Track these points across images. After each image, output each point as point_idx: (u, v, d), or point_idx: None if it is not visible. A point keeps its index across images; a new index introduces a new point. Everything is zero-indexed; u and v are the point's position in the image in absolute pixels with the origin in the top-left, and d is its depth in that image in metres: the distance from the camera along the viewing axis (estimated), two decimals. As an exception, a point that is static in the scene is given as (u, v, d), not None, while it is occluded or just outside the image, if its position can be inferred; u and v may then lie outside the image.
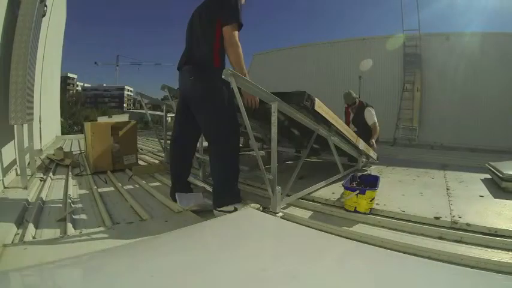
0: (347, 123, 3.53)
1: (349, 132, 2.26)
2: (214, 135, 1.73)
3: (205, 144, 1.90)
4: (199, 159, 2.65)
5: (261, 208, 1.73)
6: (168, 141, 3.68)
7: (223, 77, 1.40)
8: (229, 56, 1.67)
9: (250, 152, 3.60)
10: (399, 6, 8.02)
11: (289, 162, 3.26)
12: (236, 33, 1.64)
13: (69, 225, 1.53)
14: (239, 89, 1.52)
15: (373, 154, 2.86)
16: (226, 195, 1.70)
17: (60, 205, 1.89)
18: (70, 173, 2.88)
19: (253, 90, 1.55)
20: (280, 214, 1.71)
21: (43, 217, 1.69)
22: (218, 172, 1.74)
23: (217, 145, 1.72)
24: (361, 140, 2.49)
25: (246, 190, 2.32)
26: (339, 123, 2.10)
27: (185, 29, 1.90)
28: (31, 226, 1.49)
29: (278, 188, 1.69)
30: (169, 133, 4.72)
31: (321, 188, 2.17)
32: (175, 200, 1.88)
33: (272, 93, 1.63)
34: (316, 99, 1.74)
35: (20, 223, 1.55)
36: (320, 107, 1.80)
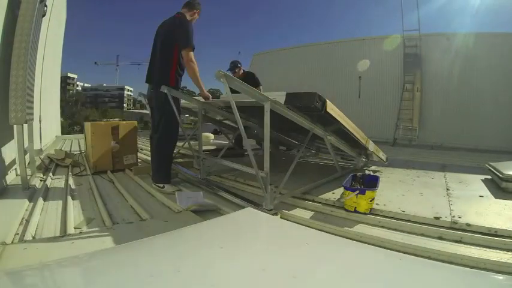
0: None
1: (359, 133, 2.25)
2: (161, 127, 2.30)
3: (205, 147, 1.91)
4: (199, 159, 2.65)
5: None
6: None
7: (215, 78, 1.60)
8: (187, 71, 2.24)
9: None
10: (399, 6, 8.01)
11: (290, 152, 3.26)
12: (192, 54, 2.16)
13: (69, 225, 1.54)
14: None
15: (382, 155, 2.85)
16: (160, 174, 2.30)
17: (60, 205, 1.89)
18: (70, 173, 2.88)
19: (245, 91, 1.59)
20: (273, 211, 1.73)
21: (43, 217, 1.69)
22: (157, 155, 2.35)
23: (161, 135, 2.30)
24: (370, 141, 2.49)
25: (244, 189, 2.33)
26: (350, 125, 2.10)
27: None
28: (31, 226, 1.50)
29: (271, 186, 1.73)
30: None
31: (316, 186, 2.17)
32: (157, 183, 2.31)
33: (287, 94, 1.73)
34: (327, 100, 1.74)
35: (20, 223, 1.55)
36: (332, 108, 1.79)
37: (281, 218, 1.71)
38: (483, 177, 2.56)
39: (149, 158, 3.88)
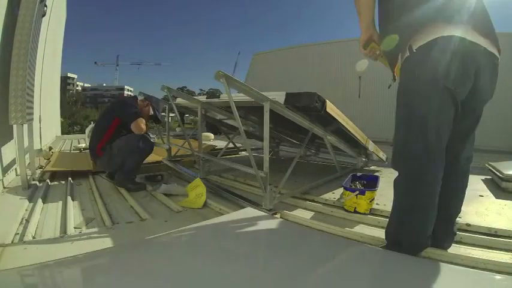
0: None
1: (358, 133, 2.25)
2: None
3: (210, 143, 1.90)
4: (198, 158, 2.65)
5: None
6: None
7: (214, 78, 1.54)
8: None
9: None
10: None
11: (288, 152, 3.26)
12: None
13: (69, 225, 1.54)
14: None
15: (382, 155, 2.85)
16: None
17: (60, 205, 1.89)
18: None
19: (245, 91, 1.59)
20: (273, 211, 1.73)
21: (43, 217, 1.69)
22: None
23: None
24: (370, 141, 2.49)
25: (244, 189, 2.33)
26: (350, 125, 2.09)
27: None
28: (31, 226, 1.49)
29: (270, 185, 1.72)
30: (172, 132, 4.72)
31: (316, 186, 2.17)
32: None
33: (287, 94, 1.73)
34: (326, 100, 1.74)
35: (20, 223, 1.55)
36: (331, 108, 1.79)
37: (281, 218, 1.71)
38: (483, 177, 2.56)
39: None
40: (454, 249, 1.29)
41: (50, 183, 2.44)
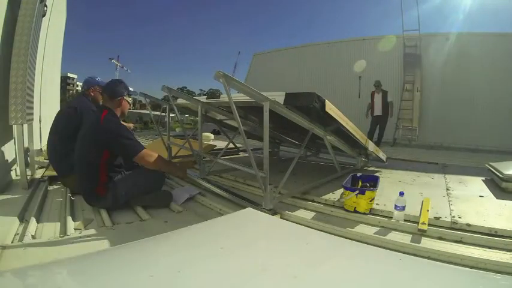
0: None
1: (358, 133, 2.25)
2: None
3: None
4: (199, 158, 2.65)
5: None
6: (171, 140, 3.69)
7: (214, 78, 1.54)
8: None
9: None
10: (399, 6, 8.01)
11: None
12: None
13: (69, 225, 1.54)
14: None
15: (382, 155, 2.85)
16: None
17: (60, 205, 1.89)
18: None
19: (244, 91, 1.59)
20: (273, 211, 1.73)
21: (43, 217, 1.69)
22: None
23: None
24: (370, 141, 2.49)
25: (244, 189, 2.33)
26: (350, 125, 2.09)
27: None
28: (31, 226, 1.49)
29: (270, 185, 1.72)
30: (172, 132, 4.72)
31: (316, 186, 2.17)
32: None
33: (287, 94, 1.73)
34: (326, 100, 1.74)
35: (20, 223, 1.55)
36: (331, 108, 1.79)
37: (281, 218, 1.71)
38: (483, 177, 2.56)
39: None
40: (454, 249, 1.30)
41: (49, 183, 2.44)
